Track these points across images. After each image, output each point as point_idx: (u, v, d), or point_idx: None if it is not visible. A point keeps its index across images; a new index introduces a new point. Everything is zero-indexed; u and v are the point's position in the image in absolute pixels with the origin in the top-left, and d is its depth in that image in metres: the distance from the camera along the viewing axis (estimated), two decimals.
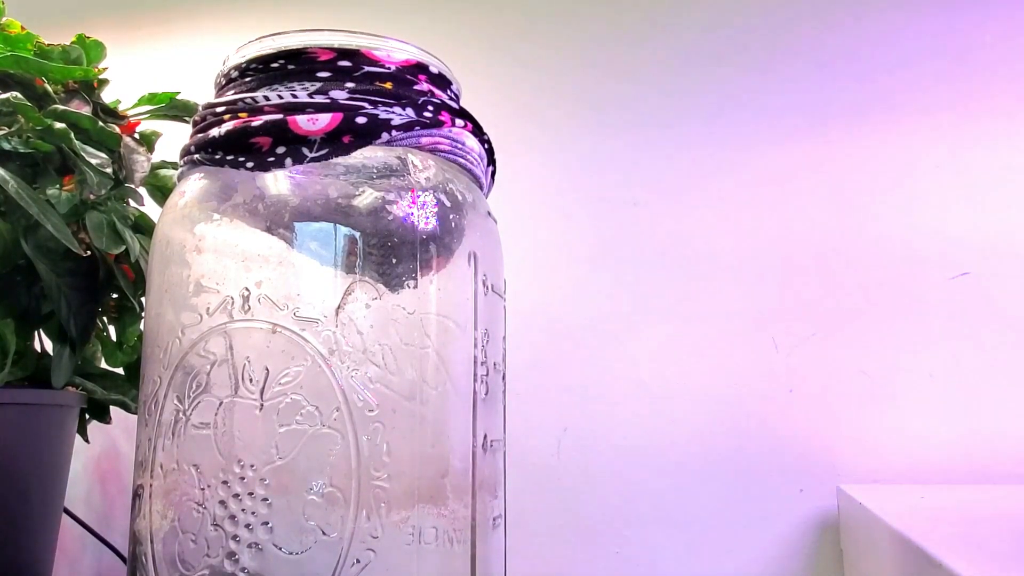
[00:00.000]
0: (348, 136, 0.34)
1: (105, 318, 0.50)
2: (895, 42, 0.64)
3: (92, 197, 0.45)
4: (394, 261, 0.34)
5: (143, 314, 0.43)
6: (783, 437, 0.61)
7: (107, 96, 0.50)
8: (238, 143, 0.34)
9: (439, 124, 0.37)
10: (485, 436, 0.36)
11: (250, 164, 0.34)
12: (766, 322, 0.62)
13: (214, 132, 0.35)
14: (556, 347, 0.65)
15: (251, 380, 0.32)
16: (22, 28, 0.47)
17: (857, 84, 0.64)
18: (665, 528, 0.61)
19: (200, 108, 0.38)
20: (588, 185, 0.67)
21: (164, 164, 0.52)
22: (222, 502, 0.32)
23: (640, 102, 0.68)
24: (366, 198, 0.34)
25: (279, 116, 0.34)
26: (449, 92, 0.39)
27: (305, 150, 0.34)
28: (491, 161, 0.42)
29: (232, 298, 0.33)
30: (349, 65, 0.36)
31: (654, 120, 0.67)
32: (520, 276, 0.59)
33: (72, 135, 0.43)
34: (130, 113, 0.51)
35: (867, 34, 0.65)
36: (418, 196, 0.35)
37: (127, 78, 0.53)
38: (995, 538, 0.40)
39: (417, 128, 0.36)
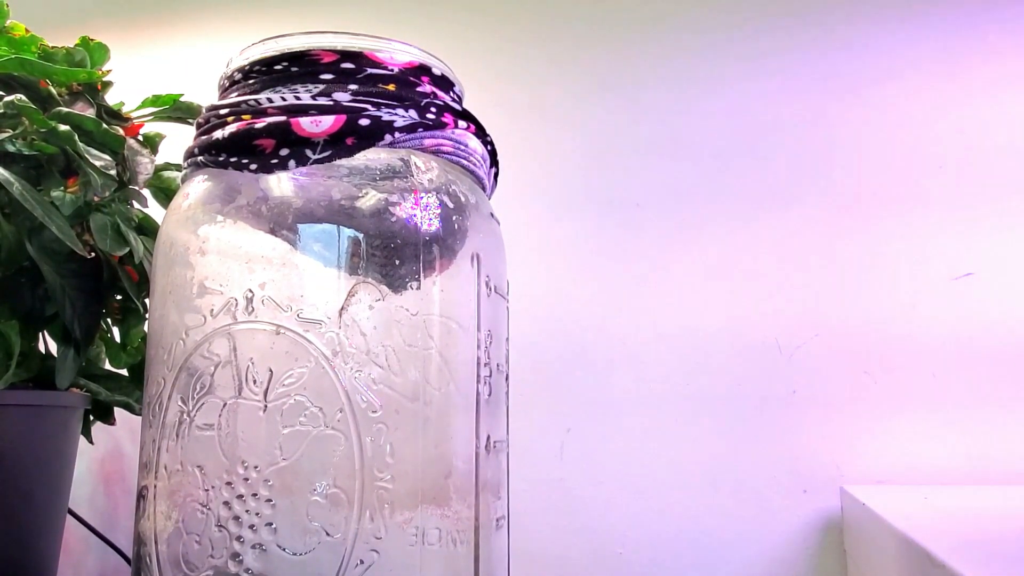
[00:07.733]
0: (351, 138, 0.34)
1: (109, 319, 0.50)
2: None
3: (96, 199, 0.45)
4: (397, 262, 0.34)
5: (147, 316, 0.44)
6: (786, 438, 0.61)
7: (111, 98, 0.50)
8: (242, 145, 0.34)
9: (442, 126, 0.37)
10: (488, 437, 0.36)
11: (254, 166, 0.34)
12: (769, 324, 0.62)
13: (218, 134, 0.35)
14: (559, 348, 0.65)
15: (255, 381, 0.32)
16: (26, 30, 0.47)
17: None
18: (667, 529, 0.61)
19: (204, 110, 0.38)
20: (591, 185, 0.67)
21: (168, 166, 0.52)
22: (226, 503, 0.32)
23: (642, 102, 0.68)
24: (369, 200, 0.34)
25: (282, 118, 0.34)
26: (452, 94, 0.39)
27: (308, 152, 0.34)
28: (494, 162, 0.42)
29: (236, 300, 0.33)
30: (352, 67, 0.36)
31: (656, 121, 0.67)
32: (523, 277, 0.59)
33: (76, 137, 0.43)
34: (134, 115, 0.51)
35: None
36: (421, 198, 0.35)
37: (131, 80, 0.54)
38: (998, 539, 0.40)
39: (420, 130, 0.36)
